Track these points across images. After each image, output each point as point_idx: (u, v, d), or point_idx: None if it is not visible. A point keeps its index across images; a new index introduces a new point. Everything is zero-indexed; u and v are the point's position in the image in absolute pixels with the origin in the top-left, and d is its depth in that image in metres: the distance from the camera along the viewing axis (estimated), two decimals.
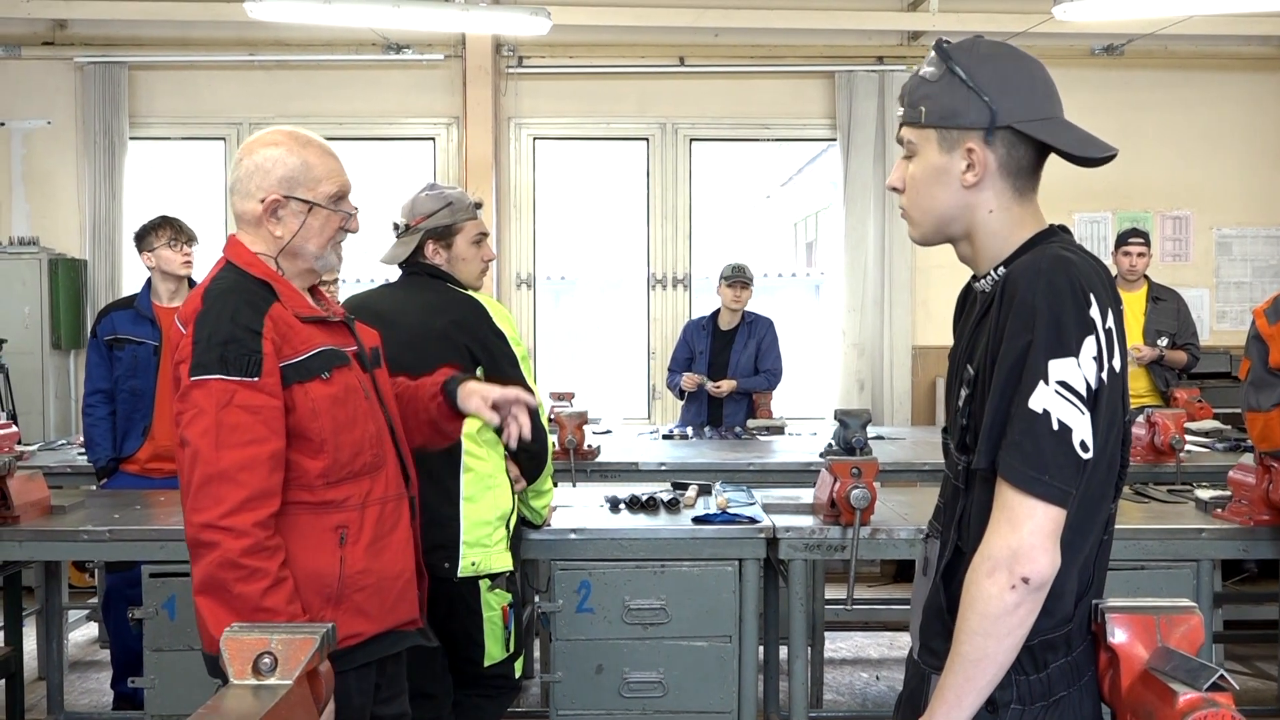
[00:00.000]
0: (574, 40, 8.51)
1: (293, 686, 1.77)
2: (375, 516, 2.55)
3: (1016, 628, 1.78)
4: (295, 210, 2.56)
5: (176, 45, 8.62)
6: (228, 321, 2.42)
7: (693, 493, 4.32)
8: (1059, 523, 1.78)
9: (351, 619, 2.49)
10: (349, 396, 2.53)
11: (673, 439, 6.44)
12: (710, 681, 3.80)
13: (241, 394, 2.38)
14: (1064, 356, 1.77)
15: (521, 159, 8.82)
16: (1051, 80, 1.99)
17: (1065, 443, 1.76)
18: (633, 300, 9.20)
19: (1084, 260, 1.87)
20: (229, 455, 2.36)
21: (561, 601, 3.80)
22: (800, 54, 8.73)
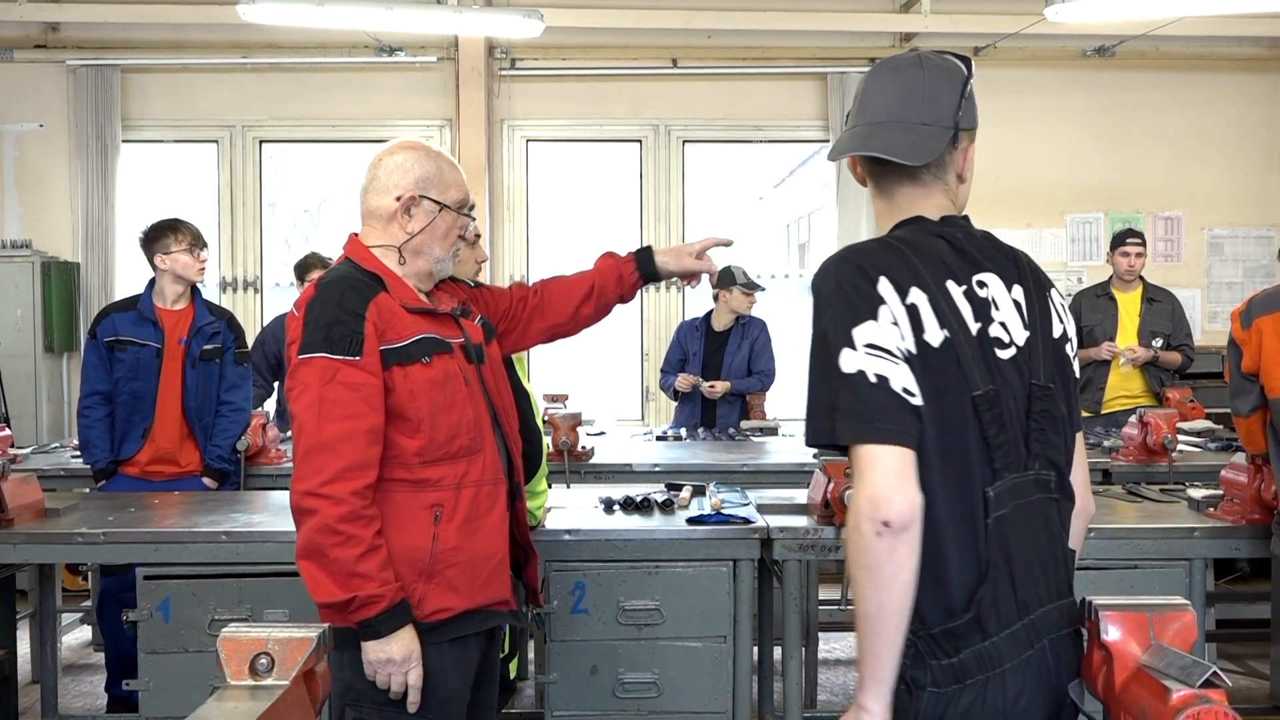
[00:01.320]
0: (567, 42, 8.52)
1: (289, 687, 1.78)
2: (470, 498, 2.66)
3: (898, 572, 1.80)
4: (427, 209, 2.75)
5: (169, 48, 8.61)
6: (334, 306, 2.59)
7: (687, 494, 4.33)
8: (906, 462, 1.82)
9: (443, 593, 2.62)
10: (448, 381, 2.66)
11: (666, 440, 6.45)
12: (705, 682, 3.80)
13: (344, 371, 2.55)
14: (863, 322, 1.87)
15: (514, 161, 8.83)
16: (872, 84, 2.09)
17: (886, 390, 1.83)
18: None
19: (888, 244, 1.98)
20: (330, 428, 2.53)
21: (556, 603, 3.80)
22: (793, 56, 8.75)
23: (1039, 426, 1.97)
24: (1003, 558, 1.90)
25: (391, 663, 2.55)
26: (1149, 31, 8.02)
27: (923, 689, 1.87)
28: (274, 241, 9.05)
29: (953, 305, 1.92)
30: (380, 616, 2.52)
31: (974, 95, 2.06)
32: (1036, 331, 2.00)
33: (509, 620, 2.84)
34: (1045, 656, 1.93)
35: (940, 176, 2.04)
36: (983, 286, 1.97)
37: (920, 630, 1.87)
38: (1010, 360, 1.96)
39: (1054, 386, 2.01)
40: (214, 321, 5.23)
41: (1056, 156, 8.76)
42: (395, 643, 2.54)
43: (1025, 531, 1.94)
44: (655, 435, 6.63)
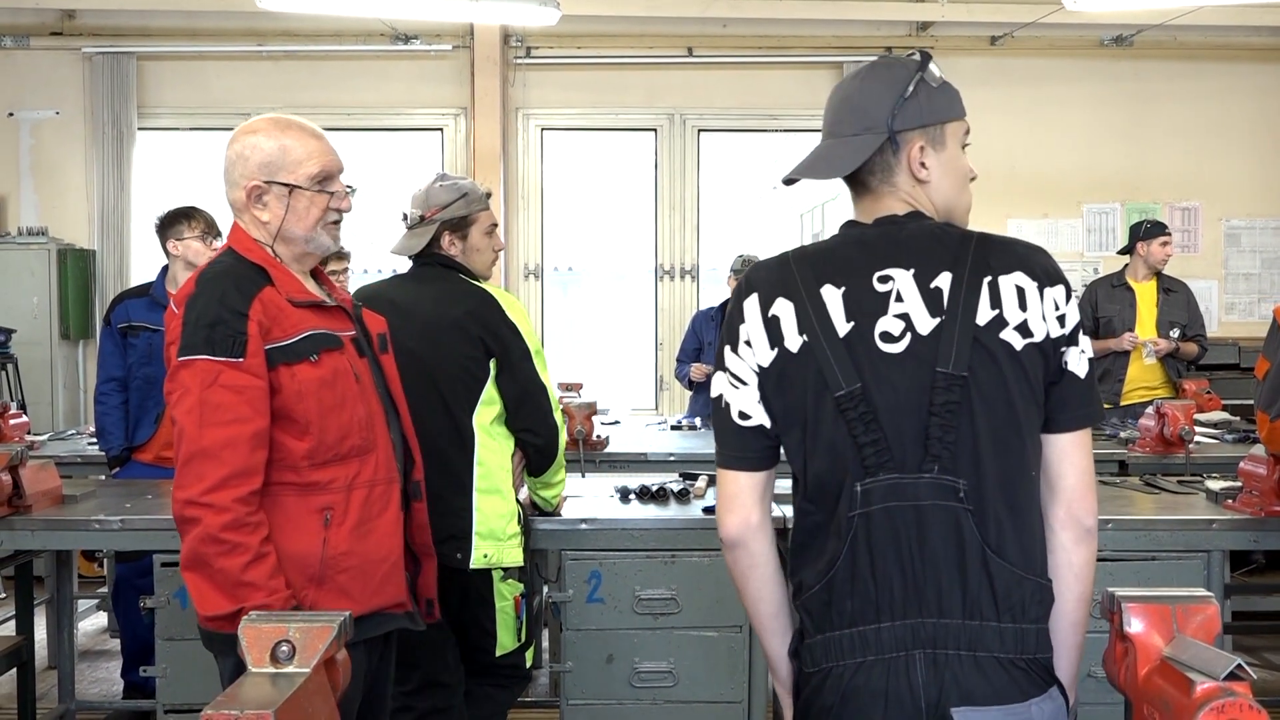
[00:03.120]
0: (582, 31, 8.50)
1: (310, 674, 1.77)
2: (362, 499, 2.58)
3: (743, 581, 2.04)
4: (278, 195, 2.60)
5: (185, 35, 8.62)
6: (215, 304, 2.47)
7: (702, 483, 4.32)
8: (742, 485, 2.00)
9: (334, 599, 2.51)
10: (337, 380, 2.57)
11: (681, 430, 6.45)
12: (721, 671, 3.80)
13: (226, 374, 2.44)
14: (726, 346, 2.01)
15: (529, 150, 8.82)
16: (830, 99, 2.11)
17: (727, 416, 2.00)
18: (640, 291, 9.19)
19: (780, 260, 2.02)
20: (211, 433, 2.43)
21: (572, 591, 3.80)
22: (808, 45, 8.72)
23: (942, 422, 1.87)
24: (866, 555, 1.88)
25: None
26: (1167, 21, 7.99)
27: (795, 658, 2.00)
28: None
29: (820, 309, 1.94)
30: None
31: (935, 90, 2.02)
32: (953, 318, 1.89)
33: (405, 623, 2.71)
34: (910, 670, 1.86)
35: (887, 180, 2.02)
36: (885, 281, 1.93)
37: (796, 597, 1.98)
38: (902, 353, 1.90)
39: (972, 375, 1.88)
40: None
41: (1073, 146, 8.72)
42: None
43: (894, 535, 1.87)
44: (670, 425, 6.63)
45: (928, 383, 1.89)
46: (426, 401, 3.37)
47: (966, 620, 1.86)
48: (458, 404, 3.41)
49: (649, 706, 3.81)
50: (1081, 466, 1.98)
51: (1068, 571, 1.97)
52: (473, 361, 3.41)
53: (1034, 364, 1.92)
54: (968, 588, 1.86)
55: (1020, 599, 1.88)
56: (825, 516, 1.94)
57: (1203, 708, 1.74)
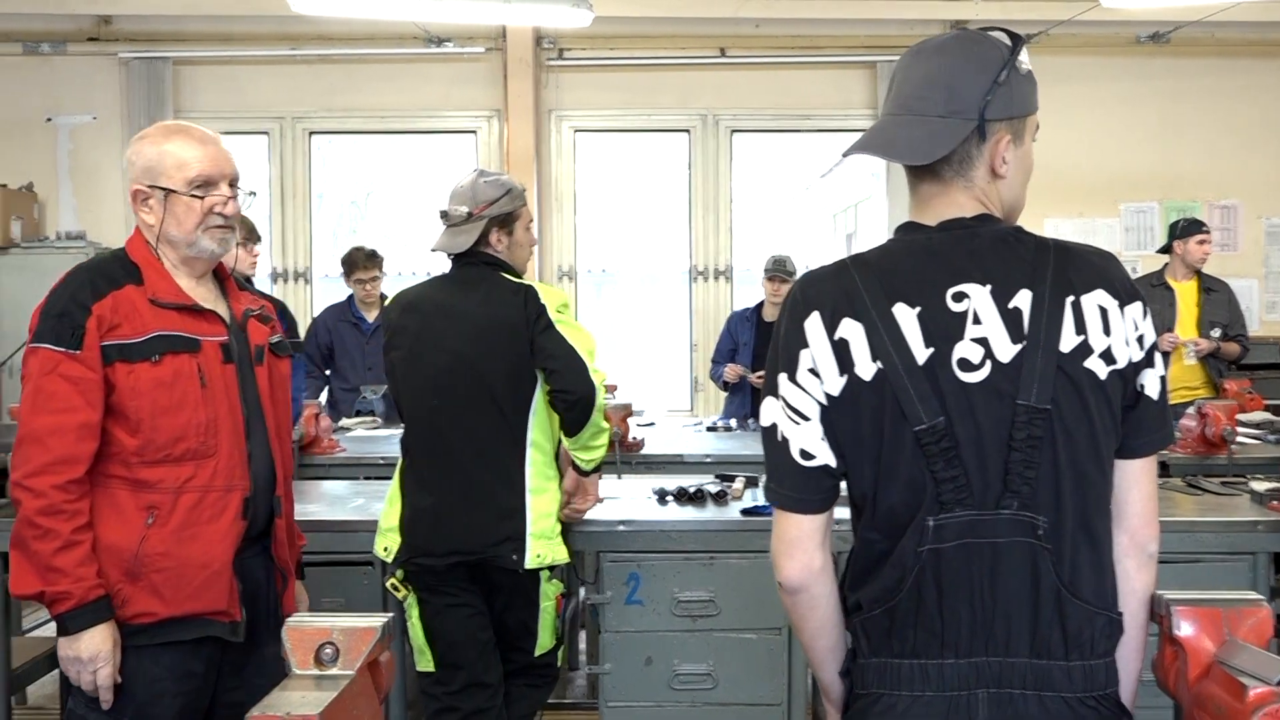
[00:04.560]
0: (615, 32, 8.50)
1: (355, 677, 1.78)
2: (191, 504, 2.58)
3: (801, 622, 1.92)
4: (158, 199, 2.64)
5: (219, 40, 8.67)
6: (66, 297, 2.55)
7: (739, 485, 4.30)
8: (804, 529, 1.85)
9: (146, 598, 2.56)
10: (177, 382, 2.58)
11: (716, 431, 6.43)
12: (760, 674, 3.78)
13: (65, 364, 2.50)
14: (781, 372, 1.84)
15: (563, 151, 8.83)
16: (898, 70, 1.95)
17: (787, 453, 1.83)
18: (674, 292, 9.19)
19: (840, 269, 1.87)
20: (40, 420, 2.50)
21: (610, 593, 3.79)
22: (841, 44, 8.70)
23: (1023, 458, 1.76)
24: (934, 590, 1.78)
25: (78, 660, 2.51)
26: (1204, 18, 7.91)
27: (845, 676, 1.92)
28: (323, 233, 9.08)
29: (895, 332, 1.77)
30: (69, 614, 2.48)
31: (1023, 78, 1.88)
32: (1035, 344, 1.76)
33: (223, 633, 2.64)
34: (972, 709, 1.78)
35: (963, 173, 1.85)
36: (960, 299, 1.78)
37: (852, 615, 1.89)
38: (982, 383, 1.76)
39: (1055, 408, 1.75)
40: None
41: (1110, 145, 8.66)
42: (83, 640, 2.49)
43: (967, 572, 1.77)
44: (705, 426, 6.61)
45: (1009, 416, 1.76)
46: (478, 405, 3.37)
47: (1033, 659, 1.79)
48: (509, 406, 3.39)
49: (688, 709, 3.79)
50: (1148, 492, 1.89)
51: (1131, 599, 1.88)
52: (523, 362, 3.39)
53: (1115, 392, 1.81)
54: (1038, 627, 1.78)
55: (1090, 635, 1.80)
56: (891, 546, 1.81)
57: (1257, 712, 1.71)
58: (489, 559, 3.36)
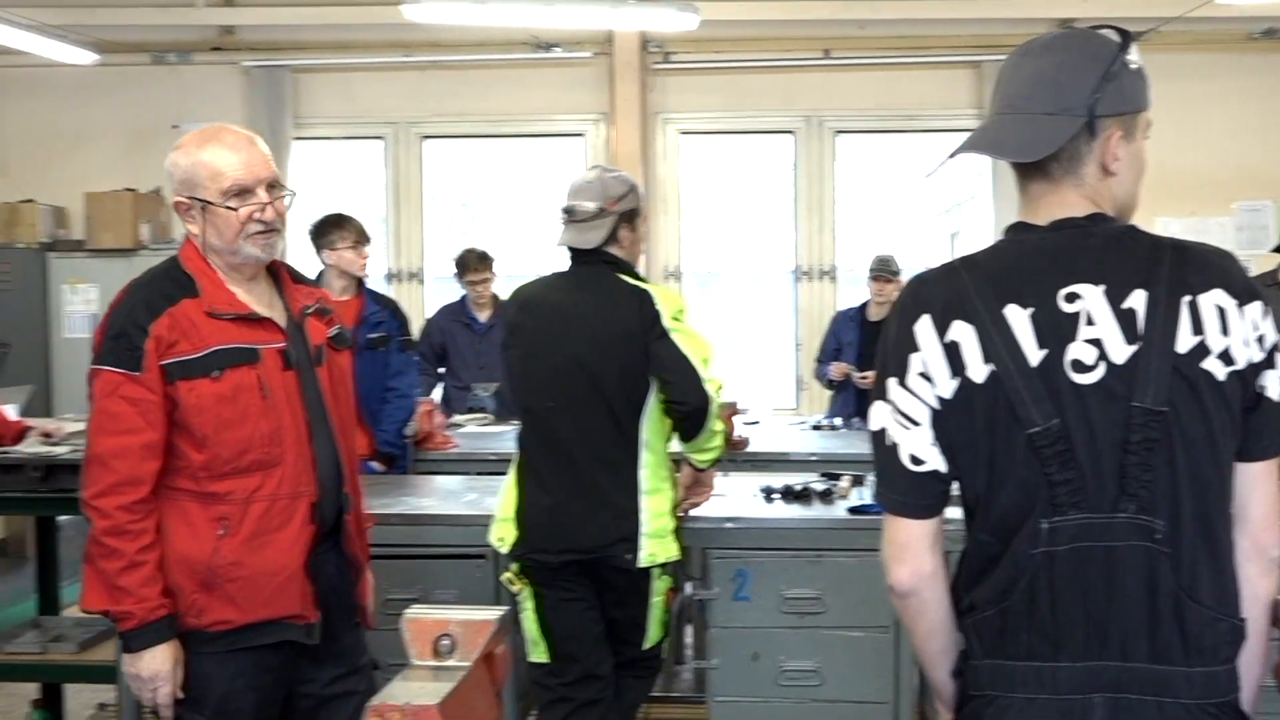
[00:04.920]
0: (720, 35, 8.46)
1: (472, 668, 1.78)
2: (260, 513, 2.57)
3: (913, 625, 1.89)
4: (198, 210, 2.60)
5: (336, 48, 8.82)
6: (124, 317, 2.53)
7: (846, 483, 4.24)
8: (914, 534, 1.82)
9: (221, 606, 2.55)
10: (239, 396, 2.55)
11: (821, 429, 6.37)
12: (867, 672, 3.72)
13: (125, 386, 2.49)
14: (892, 376, 1.80)
15: (668, 153, 8.83)
16: (1004, 70, 1.89)
17: (895, 458, 1.80)
18: (779, 292, 9.13)
19: (950, 270, 1.83)
20: (105, 441, 2.50)
21: (718, 589, 3.76)
22: (946, 44, 8.57)
23: (1140, 461, 1.70)
24: (1047, 593, 1.73)
25: (138, 679, 2.52)
26: None
27: (957, 677, 1.86)
28: (434, 234, 9.19)
29: (1006, 334, 1.73)
30: (131, 632, 2.49)
31: (1134, 74, 1.82)
32: (1151, 345, 1.70)
33: (299, 636, 2.64)
34: (1087, 713, 1.73)
35: (1073, 171, 1.79)
36: (1073, 300, 1.73)
37: (965, 616, 1.83)
38: (1096, 385, 1.71)
39: (1172, 410, 1.69)
40: (379, 310, 5.31)
41: (1222, 143, 8.41)
42: (144, 659, 2.50)
43: (1081, 575, 1.72)
44: (810, 425, 6.55)
45: (1124, 418, 1.70)
46: (593, 410, 3.38)
47: (1152, 665, 1.73)
48: (624, 411, 3.39)
49: (795, 705, 3.75)
50: (1270, 495, 1.81)
51: (1254, 604, 1.80)
52: (637, 367, 3.38)
53: (1234, 394, 1.74)
54: (1157, 631, 1.72)
55: (1212, 641, 1.74)
56: (1004, 548, 1.76)
57: None
58: (603, 558, 3.37)
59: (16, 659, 4.44)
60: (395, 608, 2.63)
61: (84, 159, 8.94)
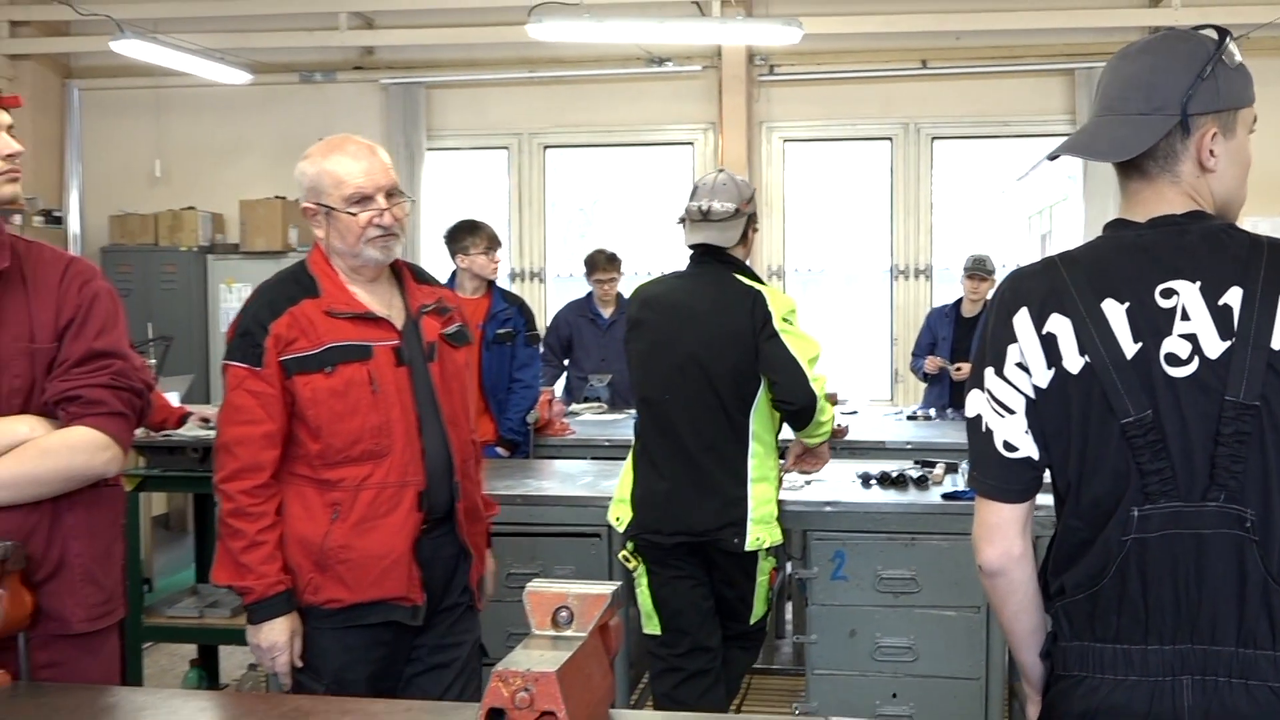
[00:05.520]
0: (821, 48, 8.39)
1: (587, 638, 1.78)
2: (369, 499, 2.57)
3: (1000, 604, 1.86)
4: (323, 215, 2.62)
5: (466, 65, 8.93)
6: (250, 317, 2.58)
7: (940, 470, 4.18)
8: (1004, 517, 1.79)
9: (333, 586, 2.57)
10: (349, 390, 2.55)
11: (916, 420, 6.28)
12: (959, 649, 3.67)
13: (249, 380, 2.53)
14: (989, 366, 1.77)
15: (772, 160, 8.77)
16: (1103, 74, 1.83)
17: (990, 444, 1.77)
18: (875, 289, 9.03)
19: (1048, 265, 1.78)
20: (230, 431, 2.55)
21: (817, 569, 3.74)
22: (1040, 53, 8.38)
23: (1231, 452, 1.65)
24: (1138, 579, 1.68)
25: (258, 649, 2.55)
26: None
27: (1045, 658, 1.83)
28: (554, 237, 9.27)
29: (1103, 327, 1.69)
30: (252, 606, 2.53)
31: (1232, 72, 1.74)
32: (1245, 342, 1.65)
33: (404, 617, 2.62)
34: (1176, 695, 1.68)
35: (1169, 168, 1.73)
36: (1169, 295, 1.68)
37: (1054, 599, 1.80)
38: (1189, 378, 1.66)
39: (1264, 404, 1.64)
40: (507, 308, 5.37)
41: None
42: (263, 630, 2.53)
43: (1171, 562, 1.67)
44: (905, 415, 6.47)
45: (1216, 411, 1.65)
46: (706, 404, 3.39)
47: (1240, 649, 1.68)
48: (734, 405, 3.40)
49: (890, 680, 3.72)
50: None
51: None
52: (748, 365, 3.38)
53: None
54: (1244, 616, 1.67)
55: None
56: (1094, 534, 1.72)
57: None
58: (712, 541, 3.38)
59: (177, 623, 4.60)
60: (517, 581, 2.68)
61: (238, 170, 9.18)
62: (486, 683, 1.62)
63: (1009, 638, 1.90)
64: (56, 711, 1.88)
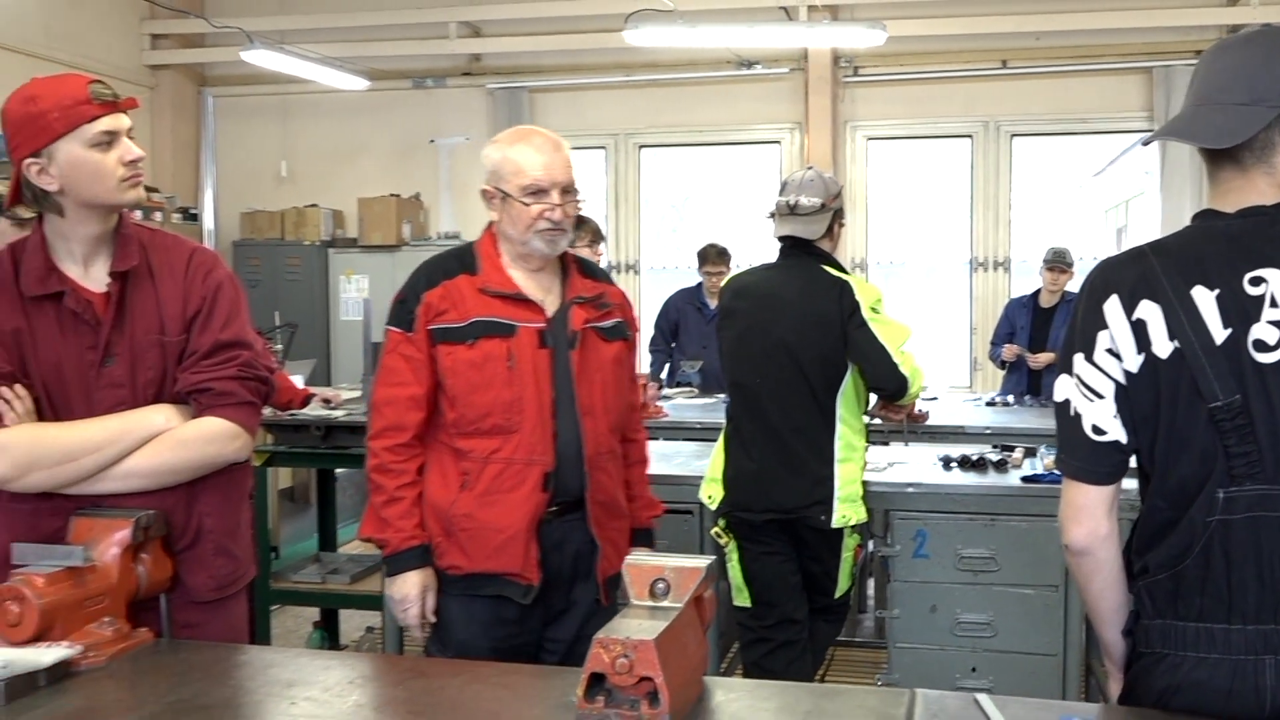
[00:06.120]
0: (904, 50, 8.25)
1: (683, 609, 1.77)
2: (495, 473, 2.49)
3: (1086, 582, 1.80)
4: (498, 200, 2.56)
5: (567, 70, 8.95)
6: (409, 286, 2.56)
7: (1019, 454, 4.10)
8: (1091, 498, 1.73)
9: (455, 553, 2.52)
10: (486, 363, 2.48)
11: (995, 406, 6.16)
12: (1038, 626, 3.59)
13: (403, 344, 2.51)
14: (1078, 352, 1.72)
15: (856, 158, 8.66)
16: (1200, 64, 1.76)
17: (1078, 428, 1.72)
18: (954, 281, 8.88)
19: (1137, 255, 1.72)
20: (381, 391, 2.54)
21: (899, 547, 3.69)
22: (1118, 52, 8.14)
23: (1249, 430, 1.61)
24: (1221, 559, 1.63)
25: (392, 600, 2.52)
26: None
27: (1127, 636, 1.78)
28: (648, 232, 9.26)
29: (1193, 313, 1.64)
30: (388, 558, 2.51)
31: None
32: None
33: (514, 594, 2.50)
34: (1259, 674, 1.63)
35: (1264, 159, 1.68)
36: (1258, 283, 1.63)
37: (1138, 578, 1.74)
38: (1277, 364, 1.61)
39: None
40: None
41: None
42: (396, 583, 2.50)
43: (1255, 544, 1.62)
44: (985, 401, 6.34)
45: None
46: (795, 388, 3.36)
47: None
48: (821, 389, 3.36)
49: (969, 654, 3.65)
50: None
51: None
52: (835, 352, 3.35)
53: None
54: None
55: None
56: (1178, 514, 1.68)
57: None
58: (801, 518, 3.34)
59: (301, 587, 4.70)
60: None
61: (357, 169, 9.33)
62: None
63: (1093, 615, 1.85)
64: (194, 667, 1.92)
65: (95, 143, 2.09)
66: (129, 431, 2.11)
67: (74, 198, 2.11)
